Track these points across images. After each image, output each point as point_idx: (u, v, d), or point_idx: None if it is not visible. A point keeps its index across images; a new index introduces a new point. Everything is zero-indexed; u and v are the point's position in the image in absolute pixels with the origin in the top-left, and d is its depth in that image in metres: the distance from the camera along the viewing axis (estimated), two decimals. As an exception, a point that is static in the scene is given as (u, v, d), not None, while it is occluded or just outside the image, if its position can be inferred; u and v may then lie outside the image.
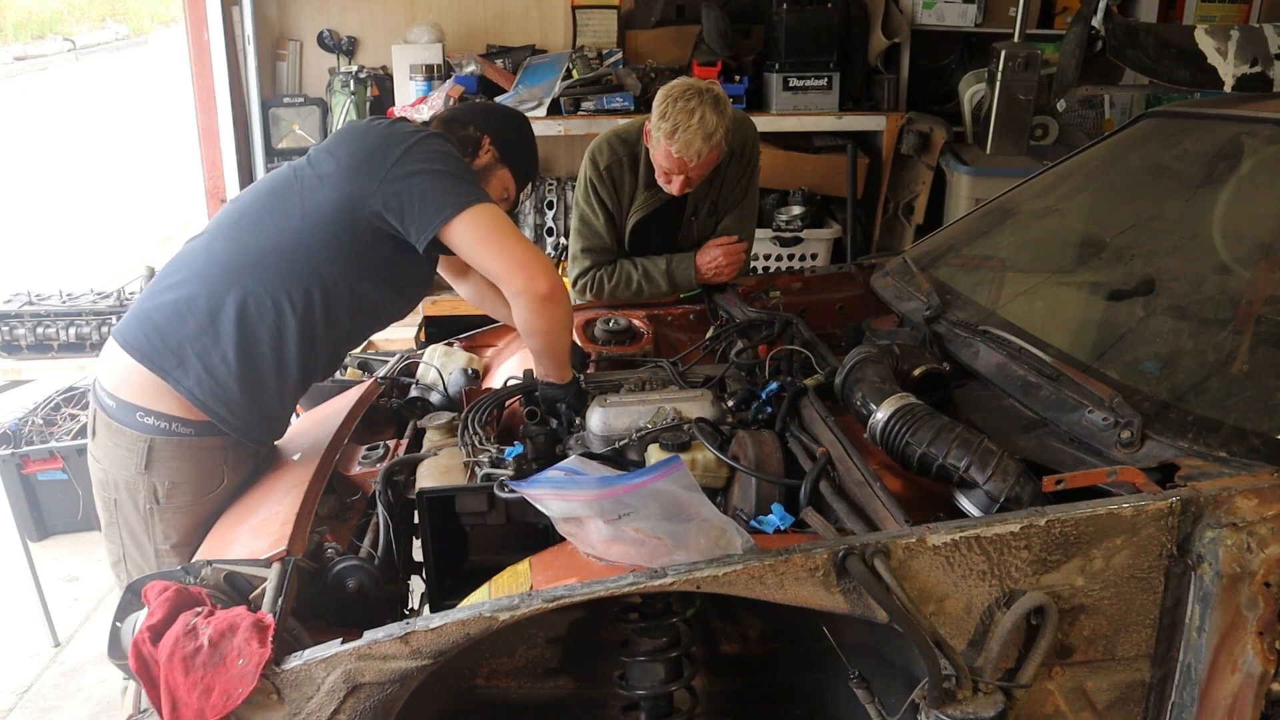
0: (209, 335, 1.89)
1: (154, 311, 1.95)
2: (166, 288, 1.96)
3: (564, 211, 4.24)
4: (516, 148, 2.20)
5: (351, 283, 1.95)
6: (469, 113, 2.20)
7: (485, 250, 1.91)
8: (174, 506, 1.97)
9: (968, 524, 1.35)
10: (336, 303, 1.95)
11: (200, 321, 1.90)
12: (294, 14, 4.28)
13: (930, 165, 4.24)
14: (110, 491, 1.99)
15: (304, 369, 1.99)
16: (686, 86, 2.45)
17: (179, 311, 1.91)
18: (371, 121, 2.05)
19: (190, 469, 1.97)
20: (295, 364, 1.95)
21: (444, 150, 1.96)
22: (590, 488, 1.36)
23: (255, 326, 1.90)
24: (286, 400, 2.05)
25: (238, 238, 1.95)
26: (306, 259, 1.91)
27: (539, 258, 1.93)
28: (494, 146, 2.14)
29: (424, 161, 1.90)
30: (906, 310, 2.22)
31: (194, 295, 1.91)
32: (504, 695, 1.81)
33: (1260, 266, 1.93)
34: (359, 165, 1.90)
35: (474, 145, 2.12)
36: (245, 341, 1.90)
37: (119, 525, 2.02)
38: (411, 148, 1.91)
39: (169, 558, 1.98)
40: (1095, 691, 1.42)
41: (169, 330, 1.92)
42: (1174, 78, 2.52)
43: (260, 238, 1.93)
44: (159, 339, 1.92)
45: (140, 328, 1.95)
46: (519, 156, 2.21)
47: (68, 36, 16.48)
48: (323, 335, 1.96)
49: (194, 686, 1.34)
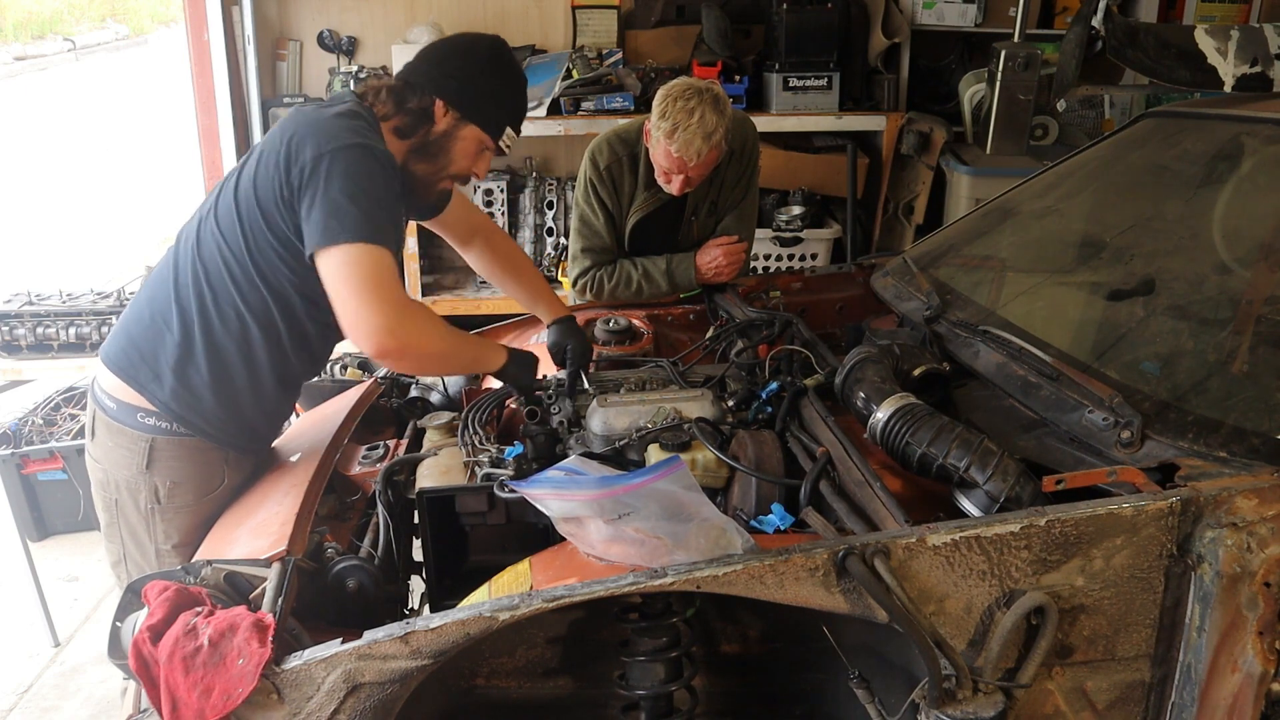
0: (183, 348, 1.89)
1: (132, 325, 1.96)
2: (145, 300, 1.96)
3: (564, 211, 4.24)
4: (481, 99, 1.99)
5: (296, 284, 1.88)
6: (420, 73, 1.99)
7: (334, 295, 1.76)
8: (175, 506, 1.97)
9: (968, 524, 1.35)
10: (291, 306, 1.90)
11: (174, 335, 1.89)
12: (294, 14, 4.28)
13: (930, 165, 4.24)
14: (111, 492, 1.99)
15: (280, 376, 1.96)
16: (686, 86, 2.45)
17: (155, 325, 1.92)
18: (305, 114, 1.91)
19: (191, 469, 1.97)
20: (269, 372, 1.94)
21: (357, 169, 1.78)
22: (590, 488, 1.36)
23: (222, 338, 1.89)
24: (268, 408, 2.03)
25: (196, 246, 1.92)
26: (251, 264, 1.86)
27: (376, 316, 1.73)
28: (452, 108, 1.96)
29: (329, 180, 1.77)
30: (906, 310, 2.22)
31: (166, 308, 1.91)
32: (504, 695, 1.81)
33: (1260, 266, 1.93)
34: (279, 165, 1.81)
35: (425, 116, 1.96)
36: (215, 353, 1.89)
37: (119, 526, 2.02)
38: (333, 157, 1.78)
39: (170, 557, 1.98)
40: (1095, 691, 1.42)
41: (145, 344, 1.92)
42: (1174, 78, 2.52)
43: (212, 245, 1.89)
44: (136, 354, 1.93)
45: (119, 343, 1.97)
46: (487, 107, 2.00)
47: (68, 36, 16.48)
48: (290, 341, 1.93)
49: (194, 686, 1.34)
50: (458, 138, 1.99)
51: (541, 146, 4.38)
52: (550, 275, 4.25)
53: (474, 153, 2.02)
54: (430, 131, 1.97)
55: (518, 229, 4.29)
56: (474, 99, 1.98)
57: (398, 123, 1.96)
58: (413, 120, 1.96)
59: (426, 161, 2.00)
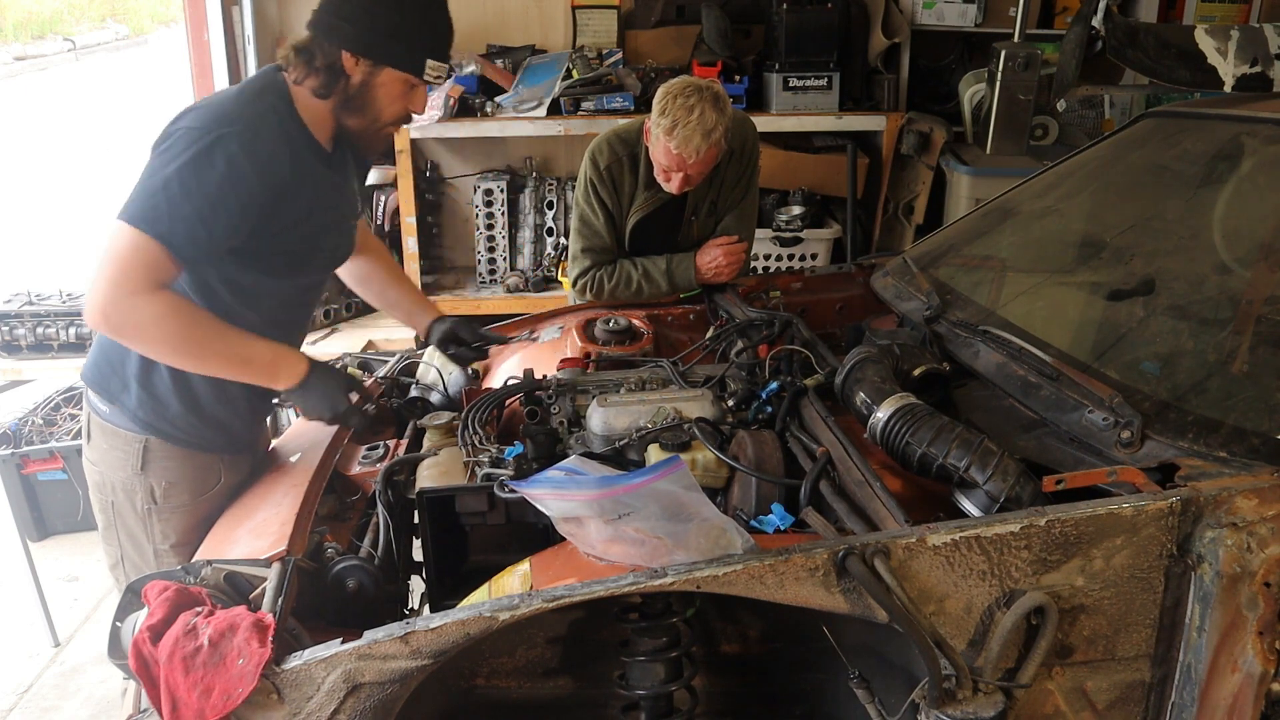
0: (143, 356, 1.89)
1: (102, 338, 1.97)
2: None
3: (564, 211, 4.24)
4: (389, 39, 1.86)
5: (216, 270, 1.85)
6: (322, 25, 1.87)
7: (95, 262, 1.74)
8: (171, 506, 1.97)
9: (968, 524, 1.35)
10: (216, 295, 1.87)
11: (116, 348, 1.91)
12: (294, 14, 4.27)
13: (930, 165, 4.24)
14: (107, 494, 2.00)
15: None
16: (686, 84, 2.45)
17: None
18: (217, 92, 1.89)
19: (186, 469, 1.97)
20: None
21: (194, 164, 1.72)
22: (590, 488, 1.36)
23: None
24: (237, 406, 2.00)
25: None
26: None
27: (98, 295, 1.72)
28: (360, 56, 1.85)
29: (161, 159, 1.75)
30: (906, 310, 2.22)
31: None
32: (504, 695, 1.81)
33: (1260, 266, 1.93)
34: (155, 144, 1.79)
35: (337, 71, 1.85)
36: None
37: (116, 527, 2.02)
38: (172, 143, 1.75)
39: (168, 558, 1.99)
40: (1095, 691, 1.42)
41: (114, 355, 1.94)
42: (1174, 78, 2.52)
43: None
44: (108, 366, 1.95)
45: (94, 357, 1.99)
46: (396, 46, 1.87)
47: (68, 36, 16.48)
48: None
49: (194, 686, 1.34)
50: (377, 85, 1.88)
51: (541, 146, 4.38)
52: (550, 275, 4.25)
53: (401, 94, 1.91)
54: (348, 85, 1.87)
55: (518, 229, 4.29)
56: (381, 40, 1.85)
57: (313, 84, 1.87)
58: (326, 78, 1.86)
59: (356, 115, 1.91)
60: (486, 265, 4.27)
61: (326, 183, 1.96)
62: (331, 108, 1.90)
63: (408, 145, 3.92)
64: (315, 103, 1.89)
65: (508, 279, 4.21)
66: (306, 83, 1.87)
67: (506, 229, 4.25)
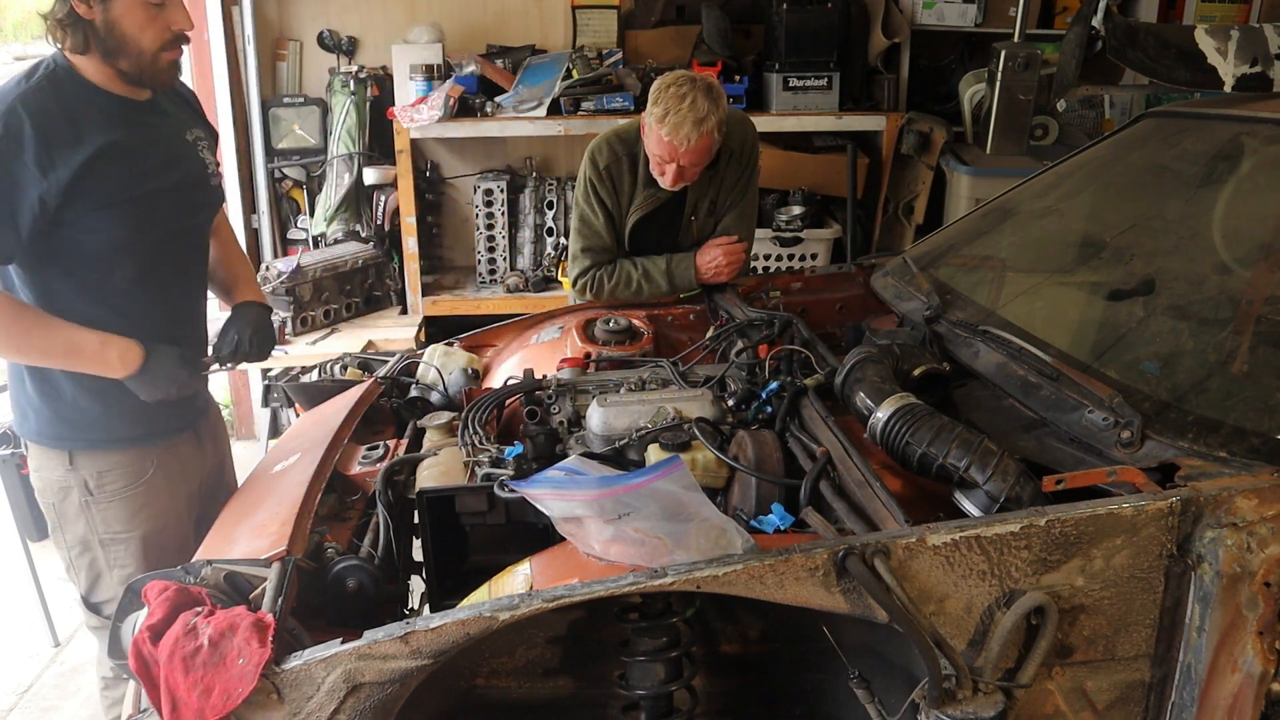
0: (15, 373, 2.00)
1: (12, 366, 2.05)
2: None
3: (564, 211, 4.24)
4: None
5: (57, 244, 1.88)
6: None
7: None
8: (108, 495, 2.03)
9: (968, 524, 1.35)
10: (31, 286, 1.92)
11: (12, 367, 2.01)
12: (294, 14, 4.27)
13: (930, 165, 4.24)
14: (49, 497, 2.07)
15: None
16: (680, 75, 2.47)
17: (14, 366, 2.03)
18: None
19: (115, 456, 2.03)
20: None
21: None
22: (590, 488, 1.36)
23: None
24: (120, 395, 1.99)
25: None
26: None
27: None
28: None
29: None
30: (906, 310, 2.22)
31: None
32: (504, 695, 1.81)
33: (1260, 266, 1.93)
34: None
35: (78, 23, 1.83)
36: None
37: (61, 528, 2.08)
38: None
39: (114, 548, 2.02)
40: (1095, 691, 1.42)
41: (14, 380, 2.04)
42: (1174, 78, 2.52)
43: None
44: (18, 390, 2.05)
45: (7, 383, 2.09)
46: None
47: (68, 36, 16.48)
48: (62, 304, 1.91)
49: (194, 686, 1.34)
50: (116, 19, 1.84)
51: (541, 146, 4.38)
52: (550, 275, 4.25)
53: (149, 19, 1.86)
54: (97, 31, 1.84)
55: (518, 229, 4.29)
56: None
57: (70, 43, 1.86)
58: (74, 32, 1.84)
59: (121, 56, 1.88)
60: (486, 265, 4.27)
61: (150, 129, 1.98)
62: (98, 60, 1.89)
63: (408, 145, 3.92)
64: (90, 61, 1.89)
65: (508, 279, 4.21)
66: (68, 45, 1.86)
67: (506, 229, 4.25)
